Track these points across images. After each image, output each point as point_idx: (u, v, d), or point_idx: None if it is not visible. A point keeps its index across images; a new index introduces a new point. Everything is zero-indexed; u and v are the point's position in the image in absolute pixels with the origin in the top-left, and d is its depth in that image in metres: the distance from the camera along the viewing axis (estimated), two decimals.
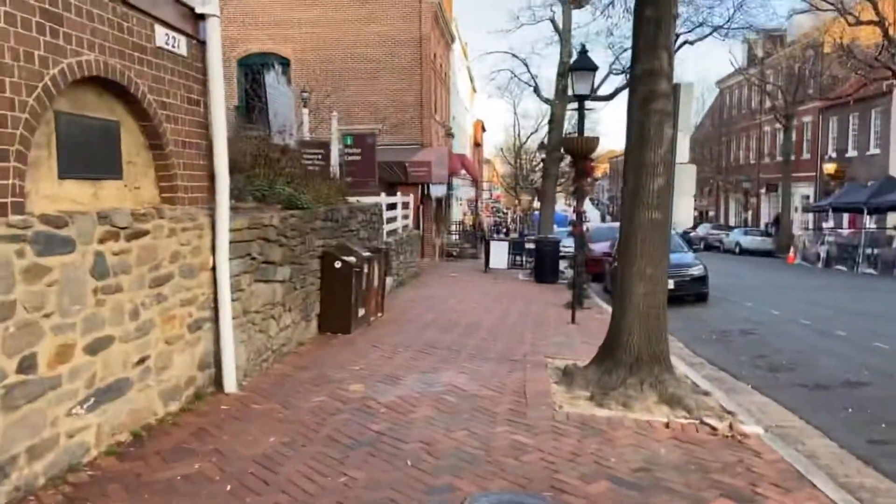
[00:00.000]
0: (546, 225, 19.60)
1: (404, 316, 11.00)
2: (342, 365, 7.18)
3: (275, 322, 7.17)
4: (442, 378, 6.72)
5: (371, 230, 12.55)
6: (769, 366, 8.73)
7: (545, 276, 18.15)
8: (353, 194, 13.12)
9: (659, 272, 6.41)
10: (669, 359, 6.53)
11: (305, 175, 10.15)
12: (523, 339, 9.36)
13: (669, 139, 6.35)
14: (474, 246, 29.91)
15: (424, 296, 13.98)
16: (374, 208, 12.93)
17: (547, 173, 19.73)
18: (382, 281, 10.77)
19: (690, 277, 14.39)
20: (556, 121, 19.28)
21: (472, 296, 14.46)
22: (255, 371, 6.59)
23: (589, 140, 12.76)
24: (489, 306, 12.76)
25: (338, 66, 24.73)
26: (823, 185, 39.50)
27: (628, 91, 6.56)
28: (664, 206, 6.39)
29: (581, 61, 12.78)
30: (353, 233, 10.97)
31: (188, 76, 5.54)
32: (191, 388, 5.58)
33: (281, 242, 7.31)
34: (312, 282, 8.60)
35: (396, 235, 16.90)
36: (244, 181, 8.02)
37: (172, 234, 5.24)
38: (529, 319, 11.29)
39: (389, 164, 21.48)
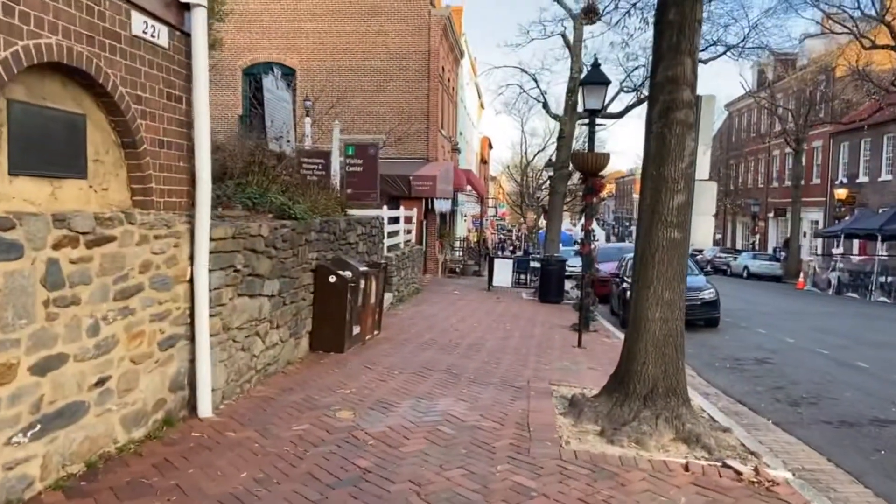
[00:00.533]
0: (552, 244, 19.10)
1: (402, 334, 10.47)
2: (331, 388, 6.66)
3: (260, 340, 6.66)
4: (438, 405, 6.19)
5: (370, 244, 12.07)
6: (789, 399, 8.16)
7: (550, 296, 17.63)
8: (352, 206, 12.67)
9: (676, 296, 5.88)
10: (687, 391, 5.99)
11: (302, 184, 9.69)
12: (526, 362, 8.82)
13: (691, 152, 5.86)
14: (478, 263, 29.39)
15: (424, 313, 13.46)
16: (375, 221, 12.45)
17: (554, 191, 19.26)
18: (380, 297, 10.27)
19: (702, 301, 13.83)
20: (564, 137, 18.84)
21: (474, 314, 13.93)
22: (234, 393, 6.07)
23: (599, 156, 12.28)
24: (491, 326, 12.23)
25: (344, 78, 24.42)
26: (833, 211, 39.02)
27: (648, 100, 6.08)
28: (683, 225, 5.88)
29: (593, 75, 12.35)
30: (350, 246, 10.49)
31: (169, 70, 5.08)
32: (159, 412, 5.06)
33: (270, 254, 6.82)
34: (304, 297, 8.10)
35: (398, 250, 16.41)
36: (234, 188, 7.55)
37: (144, 242, 4.75)
38: (533, 342, 10.75)
39: (393, 177, 21.05)
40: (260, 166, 8.34)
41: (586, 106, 12.44)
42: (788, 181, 45.56)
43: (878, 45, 26.15)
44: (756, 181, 51.07)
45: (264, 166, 8.61)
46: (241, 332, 6.16)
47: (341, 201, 11.10)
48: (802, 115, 36.26)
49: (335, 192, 11.58)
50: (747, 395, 8.31)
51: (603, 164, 12.33)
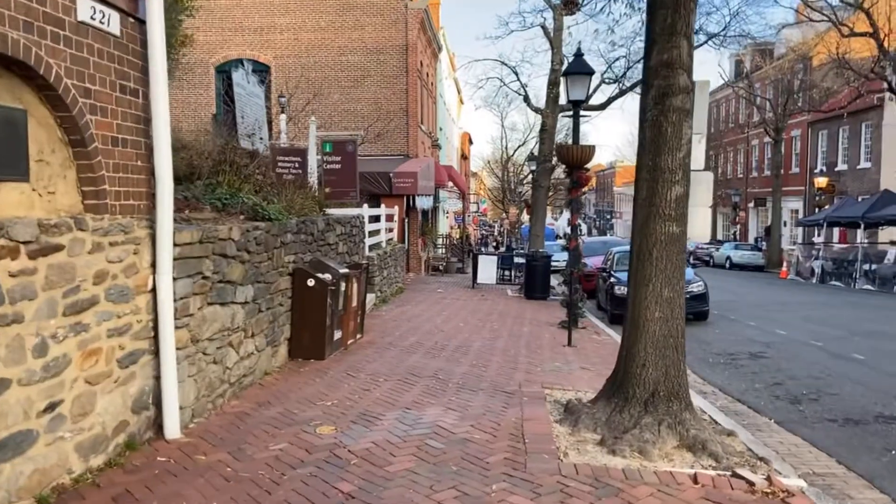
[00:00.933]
0: (536, 239, 18.78)
1: (386, 338, 10.07)
2: (312, 400, 6.24)
3: (233, 350, 6.23)
4: (426, 416, 5.80)
5: (351, 244, 11.65)
6: (789, 395, 7.88)
7: (535, 292, 17.30)
8: (332, 205, 12.24)
9: (676, 294, 5.54)
10: (689, 395, 5.65)
11: (278, 184, 9.25)
12: (517, 364, 8.46)
13: (688, 141, 5.51)
14: (461, 260, 29.03)
15: (409, 314, 13.06)
16: (355, 220, 12.03)
17: (537, 185, 18.92)
18: (362, 300, 9.86)
19: (690, 295, 13.49)
20: (547, 130, 18.51)
21: (460, 314, 13.56)
22: (206, 410, 5.64)
23: (585, 149, 11.93)
24: (478, 326, 11.86)
25: (320, 74, 23.93)
26: (812, 200, 39.20)
27: (641, 86, 5.72)
28: (682, 218, 5.54)
29: (576, 65, 11.99)
30: (330, 247, 10.06)
31: (122, 60, 4.63)
32: (121, 435, 4.62)
33: (243, 259, 6.39)
34: (281, 302, 7.67)
35: (380, 249, 16.00)
36: (204, 189, 7.10)
37: (98, 250, 4.31)
38: (522, 341, 10.40)
39: (373, 174, 20.61)
40: (231, 165, 7.90)
41: (570, 97, 12.09)
42: (768, 171, 45.71)
43: (857, 33, 26.13)
44: (735, 171, 51.26)
45: (236, 165, 8.17)
46: (212, 343, 5.72)
47: (319, 200, 10.68)
48: (781, 104, 36.30)
49: (313, 191, 11.14)
50: (746, 393, 8.02)
51: (588, 156, 12.00)
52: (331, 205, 12.40)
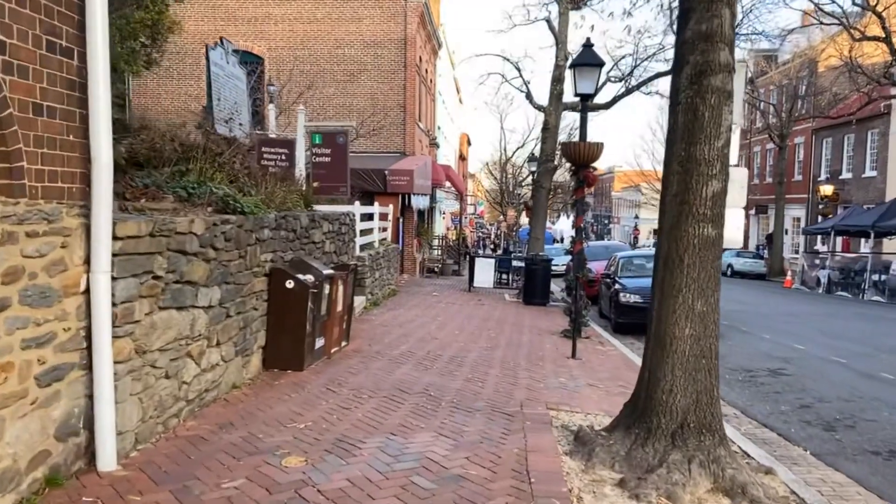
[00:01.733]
0: (536, 242, 17.97)
1: (374, 345, 9.24)
2: (282, 420, 5.41)
3: (193, 362, 5.39)
4: (414, 444, 4.97)
5: (340, 243, 10.82)
6: (821, 421, 7.07)
7: (535, 297, 16.50)
8: (320, 201, 11.42)
9: (710, 307, 4.72)
10: (723, 427, 4.84)
11: (259, 175, 8.41)
12: (517, 379, 7.64)
13: (728, 129, 4.70)
14: (457, 262, 28.22)
15: (401, 319, 12.23)
16: (345, 218, 11.20)
17: (538, 186, 18.13)
18: (349, 303, 9.02)
19: None
20: (549, 129, 17.72)
21: (455, 319, 12.74)
22: (154, 434, 4.79)
23: (592, 146, 11.13)
24: (474, 333, 11.04)
25: (315, 67, 23.13)
26: (815, 208, 38.54)
27: (674, 63, 4.91)
28: (719, 219, 4.72)
29: (585, 56, 11.19)
30: (315, 245, 9.23)
31: (51, 12, 3.79)
32: (40, 469, 3.79)
33: (207, 256, 5.55)
34: (256, 306, 6.83)
35: (372, 249, 15.17)
36: (170, 176, 6.27)
37: (10, 241, 3.48)
38: (522, 352, 9.58)
39: (367, 171, 19.78)
40: (204, 151, 7.06)
41: (577, 90, 11.28)
42: (769, 178, 45.07)
43: (868, 37, 25.43)
44: None
45: (211, 152, 7.34)
46: (164, 354, 4.88)
47: (304, 194, 9.84)
48: (787, 109, 35.60)
49: (299, 184, 10.32)
50: (772, 417, 7.21)
51: (596, 154, 11.19)
52: (320, 200, 11.59)
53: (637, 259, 15.18)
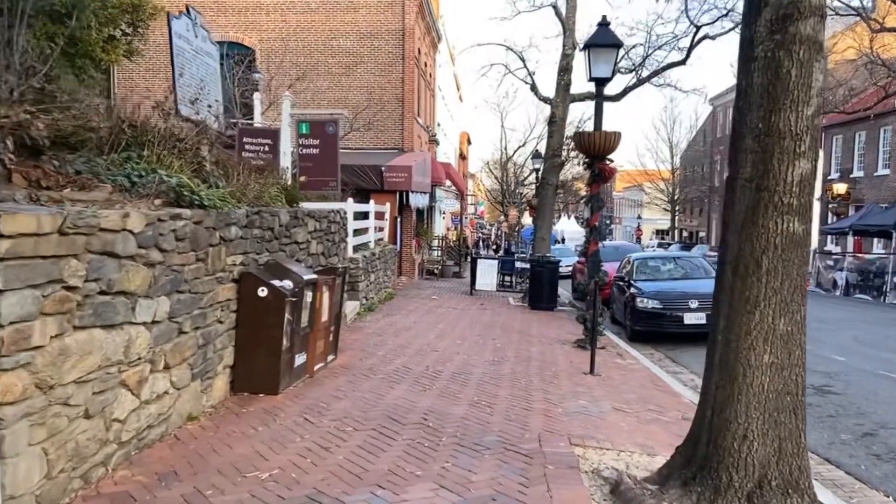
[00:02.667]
0: (542, 242, 16.86)
1: (366, 360, 8.13)
2: (242, 467, 4.29)
3: (129, 393, 4.27)
4: (407, 503, 3.86)
5: (329, 243, 9.70)
6: (891, 452, 5.96)
7: (541, 302, 15.40)
8: (310, 197, 10.32)
9: (796, 327, 3.62)
10: (812, 484, 3.72)
11: (235, 165, 7.29)
12: (530, 401, 6.53)
13: (819, 93, 3.59)
14: (458, 263, 27.11)
15: (397, 326, 11.12)
16: (335, 216, 10.07)
17: (544, 182, 17.02)
18: (337, 312, 7.91)
19: None
20: (556, 122, 16.61)
21: (457, 326, 11.63)
22: (68, 493, 3.67)
23: (609, 136, 10.05)
24: (478, 343, 9.93)
25: (308, 59, 22.05)
26: (825, 206, 37.53)
27: (745, 8, 3.78)
28: (807, 210, 3.62)
29: (600, 36, 10.10)
30: (299, 246, 8.12)
31: None
32: None
33: (150, 259, 4.44)
34: (221, 318, 5.72)
35: (367, 251, 14.06)
36: (120, 162, 5.16)
37: None
38: (533, 366, 8.47)
39: (363, 167, 18.68)
40: (159, 135, 5.94)
41: (592, 74, 10.19)
42: None
43: (888, 28, 24.32)
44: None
45: (173, 136, 6.22)
46: (82, 387, 3.76)
47: (288, 189, 8.73)
48: None
49: (283, 176, 9.22)
50: (833, 449, 6.09)
51: (613, 144, 10.11)
52: (309, 197, 10.48)
53: (652, 261, 14.09)
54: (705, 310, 11.48)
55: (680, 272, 13.44)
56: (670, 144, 57.29)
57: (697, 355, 10.96)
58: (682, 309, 11.50)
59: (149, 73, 22.20)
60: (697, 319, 11.39)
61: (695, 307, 11.47)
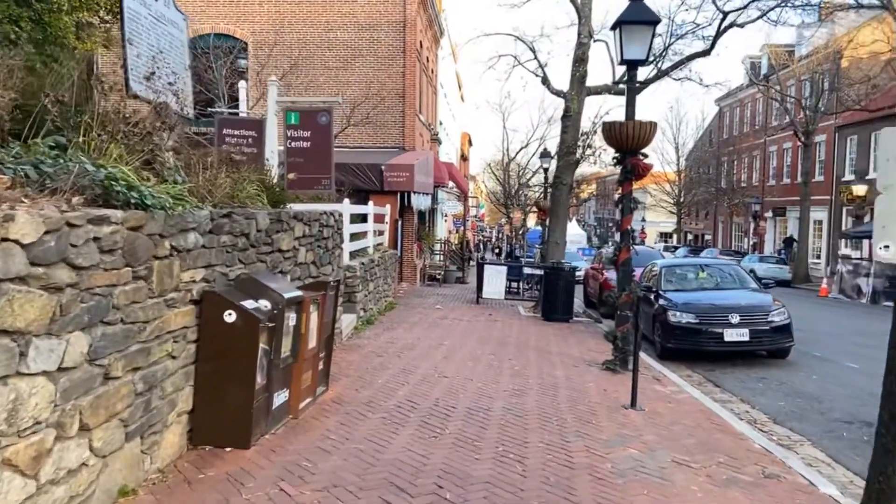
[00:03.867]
0: (556, 247, 15.54)
1: (363, 390, 6.80)
2: None
3: (19, 476, 2.94)
4: None
5: (321, 251, 8.38)
6: None
7: (556, 312, 14.08)
8: (299, 199, 9.01)
9: None
10: None
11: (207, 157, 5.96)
12: (569, 452, 5.20)
13: None
14: (461, 268, 25.79)
15: (399, 344, 9.79)
16: (328, 219, 8.74)
17: (558, 182, 15.69)
18: (329, 334, 6.59)
19: (771, 326, 10.29)
20: (571, 116, 15.30)
21: (466, 343, 10.31)
22: None
23: (644, 126, 8.73)
24: (493, 365, 8.61)
25: (305, 52, 20.76)
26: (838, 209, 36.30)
27: None
28: None
29: (634, 11, 8.78)
30: (283, 255, 6.79)
31: None
32: None
33: (53, 281, 3.11)
34: (173, 352, 4.39)
35: (365, 257, 12.75)
36: (27, 149, 3.84)
37: None
38: (561, 396, 7.14)
39: (361, 166, 17.36)
40: (99, 117, 4.61)
41: (625, 56, 8.87)
42: (786, 178, 42.76)
43: None
44: (751, 179, 48.27)
45: (120, 119, 4.89)
46: None
47: (271, 186, 7.39)
48: (812, 104, 33.23)
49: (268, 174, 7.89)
50: None
51: (648, 136, 8.80)
52: (301, 198, 9.17)
53: (681, 268, 12.72)
54: (748, 325, 10.14)
55: (712, 281, 12.09)
56: (676, 145, 56.05)
57: (741, 377, 9.66)
58: (722, 324, 10.16)
59: None
60: (740, 336, 10.06)
61: (736, 322, 10.13)
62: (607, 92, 16.02)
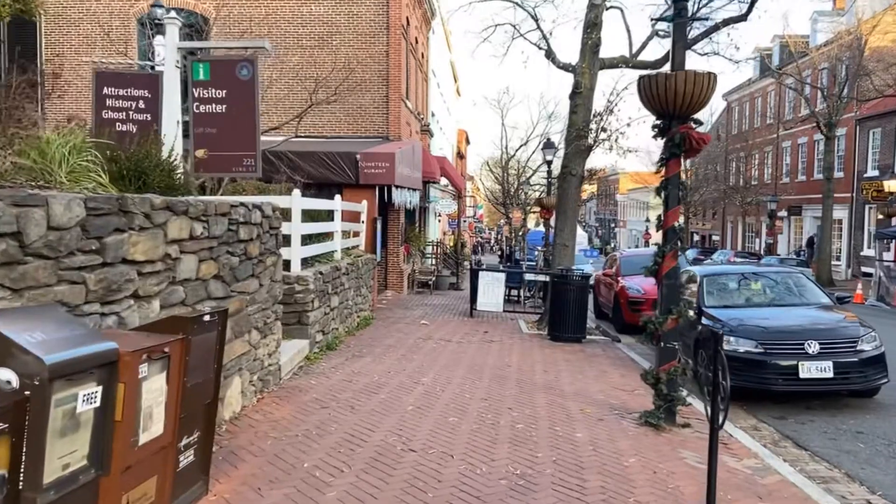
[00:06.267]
0: (564, 250, 12.90)
1: (272, 489, 4.16)
2: None
3: None
4: None
5: (234, 259, 5.73)
6: None
7: (566, 330, 11.46)
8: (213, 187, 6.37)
9: None
10: None
11: None
12: None
13: None
14: (455, 273, 23.15)
15: (359, 383, 7.15)
16: (250, 214, 6.07)
17: (566, 173, 13.07)
18: (205, 402, 3.95)
19: (860, 358, 7.60)
20: (581, 93, 12.68)
21: (451, 380, 7.67)
22: None
23: (701, 77, 6.10)
24: (484, 421, 5.96)
25: (275, 30, 18.16)
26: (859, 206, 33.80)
27: None
28: None
29: None
30: (139, 269, 4.13)
31: None
32: None
33: None
34: None
35: (326, 264, 10.09)
36: None
37: None
38: (592, 487, 4.51)
39: (332, 155, 14.73)
40: None
41: None
42: (802, 175, 40.26)
43: None
44: (762, 176, 45.68)
45: None
46: None
47: (153, 164, 4.75)
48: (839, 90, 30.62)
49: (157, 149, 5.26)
50: None
51: (704, 93, 6.18)
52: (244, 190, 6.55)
53: (728, 277, 9.95)
54: (832, 357, 7.47)
55: (770, 295, 9.39)
56: None
57: (828, 430, 6.71)
58: (796, 354, 7.50)
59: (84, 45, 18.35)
60: (821, 372, 7.39)
61: (815, 352, 7.48)
62: (624, 64, 13.38)
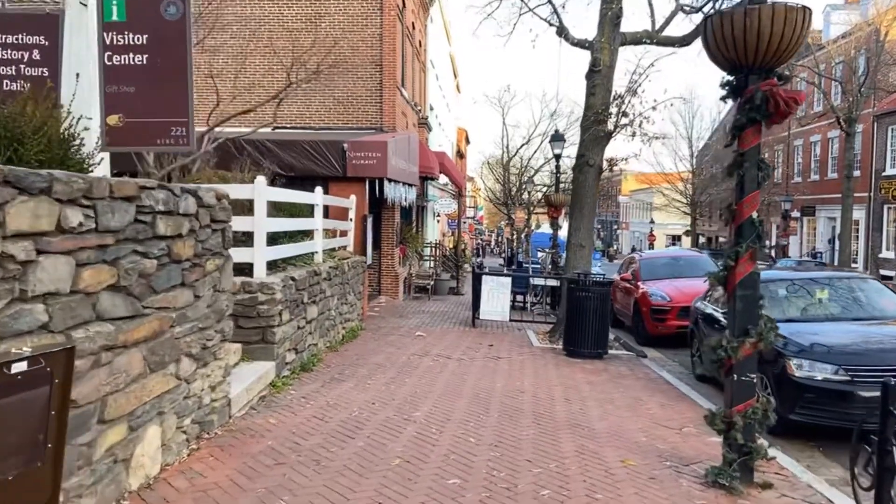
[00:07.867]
0: (580, 252, 11.25)
1: None
2: None
3: None
4: None
5: (147, 263, 4.07)
6: None
7: (585, 345, 9.83)
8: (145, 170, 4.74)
9: None
10: None
11: None
12: None
13: None
14: (455, 276, 21.49)
15: (333, 422, 5.48)
16: (177, 202, 4.43)
17: (582, 164, 11.39)
18: None
19: None
20: (600, 72, 11.04)
21: (452, 414, 6.00)
22: None
23: (792, 11, 4.44)
24: (498, 468, 4.30)
25: (257, 11, 16.60)
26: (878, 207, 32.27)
27: None
28: None
29: None
30: None
31: None
32: None
33: None
34: None
35: (302, 269, 8.42)
36: None
37: None
38: None
39: (317, 145, 13.07)
40: None
41: None
42: (815, 174, 38.73)
43: None
44: (773, 176, 44.06)
45: None
46: None
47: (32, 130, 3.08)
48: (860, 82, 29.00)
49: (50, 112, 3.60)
50: None
51: (796, 36, 4.51)
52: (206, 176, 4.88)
53: (793, 284, 8.19)
54: None
55: (838, 305, 7.72)
56: (690, 141, 51.85)
57: None
58: None
59: None
60: None
61: None
62: (649, 40, 11.72)
